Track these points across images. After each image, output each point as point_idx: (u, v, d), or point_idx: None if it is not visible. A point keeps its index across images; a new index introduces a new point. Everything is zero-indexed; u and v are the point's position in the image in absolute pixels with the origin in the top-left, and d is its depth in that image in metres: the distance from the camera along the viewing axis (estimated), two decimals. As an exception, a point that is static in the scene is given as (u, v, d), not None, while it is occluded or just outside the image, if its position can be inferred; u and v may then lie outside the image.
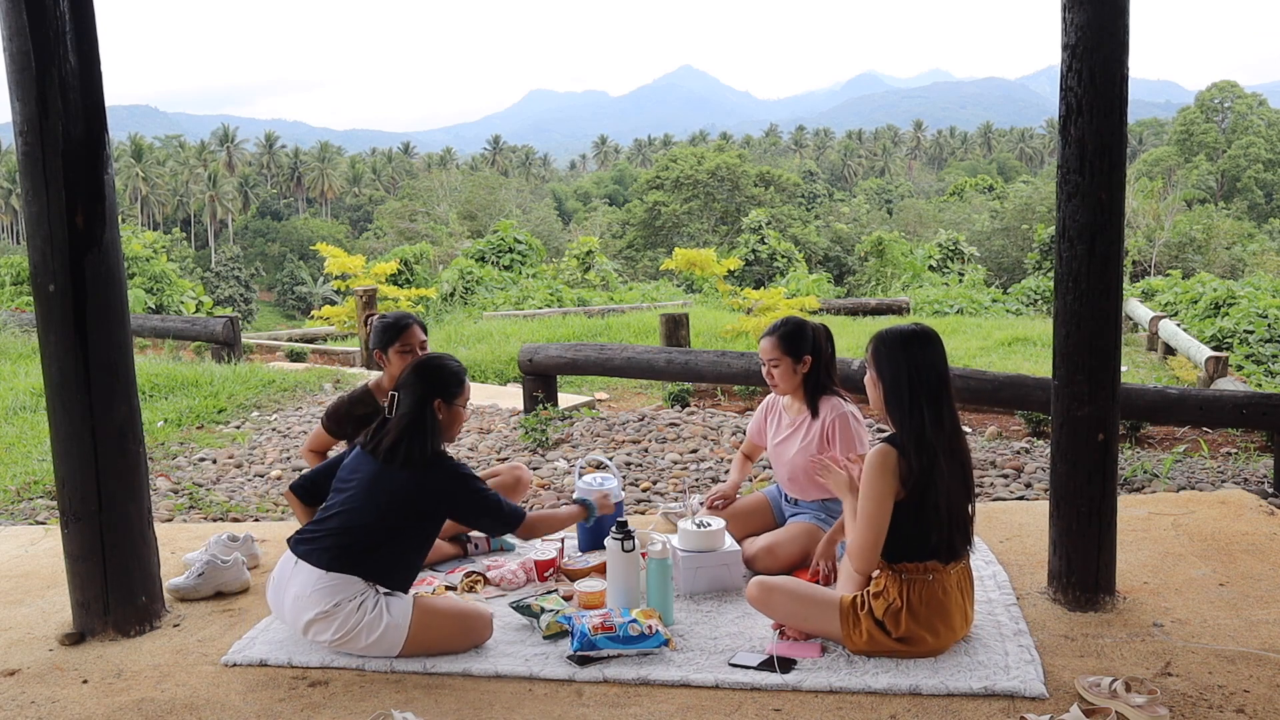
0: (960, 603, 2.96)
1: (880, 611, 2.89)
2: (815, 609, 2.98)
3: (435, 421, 3.11)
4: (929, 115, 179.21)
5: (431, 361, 3.21)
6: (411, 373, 3.16)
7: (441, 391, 3.13)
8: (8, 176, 67.12)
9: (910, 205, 51.65)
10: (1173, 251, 31.90)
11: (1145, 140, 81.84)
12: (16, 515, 5.20)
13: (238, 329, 11.51)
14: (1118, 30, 3.12)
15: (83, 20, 3.14)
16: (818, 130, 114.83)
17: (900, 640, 2.88)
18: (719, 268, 11.28)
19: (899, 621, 2.87)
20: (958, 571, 2.95)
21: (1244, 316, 12.98)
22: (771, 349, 3.70)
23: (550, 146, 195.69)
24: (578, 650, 2.97)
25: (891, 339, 2.95)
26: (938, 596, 2.88)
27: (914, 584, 2.88)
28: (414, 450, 3.04)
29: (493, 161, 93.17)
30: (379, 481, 3.04)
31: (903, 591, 2.88)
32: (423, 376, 3.14)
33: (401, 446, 3.04)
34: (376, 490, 3.03)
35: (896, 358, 2.91)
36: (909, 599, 2.87)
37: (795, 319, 3.77)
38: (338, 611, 2.97)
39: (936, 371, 2.90)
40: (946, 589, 2.91)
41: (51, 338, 3.23)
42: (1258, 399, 5.34)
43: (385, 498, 3.02)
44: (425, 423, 3.08)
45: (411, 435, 3.05)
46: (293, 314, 54.66)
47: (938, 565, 2.90)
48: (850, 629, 2.92)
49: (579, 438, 6.60)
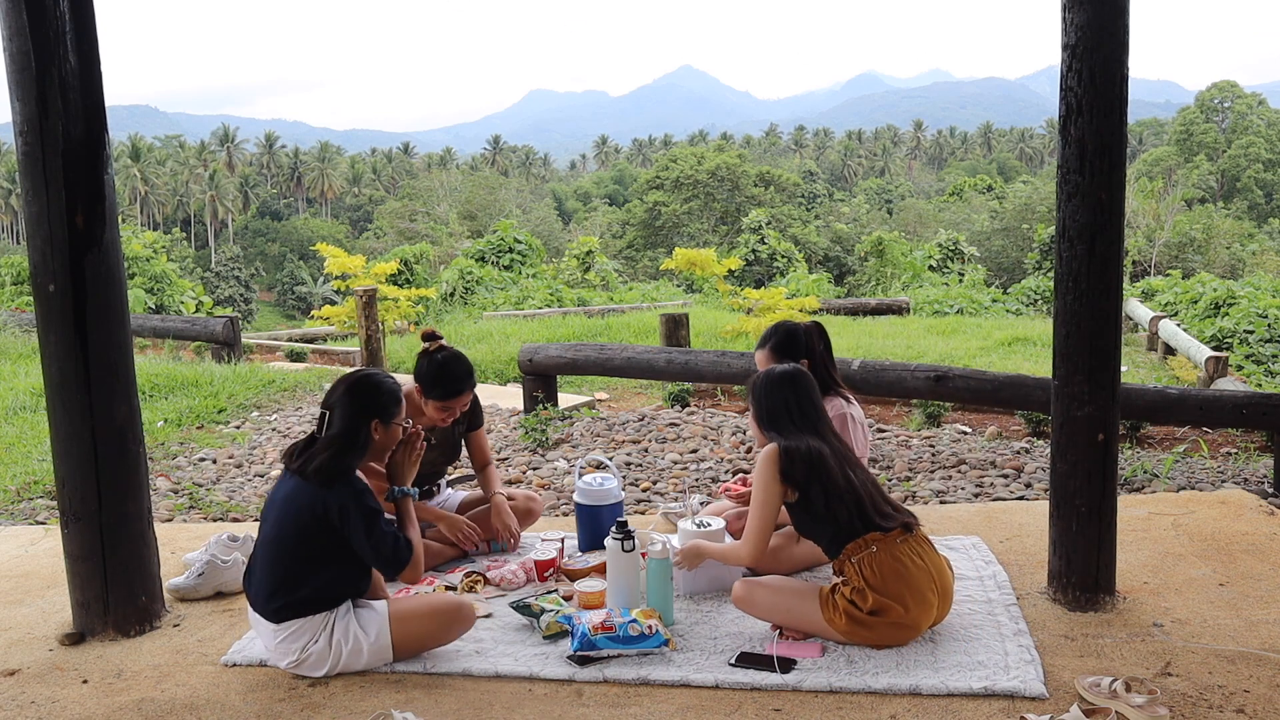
0: (925, 571, 3.00)
1: (849, 594, 2.99)
2: (796, 600, 3.08)
3: (368, 442, 3.00)
4: (929, 115, 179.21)
5: (368, 380, 3.04)
6: (346, 391, 3.00)
7: (379, 412, 3.01)
8: (8, 176, 67.12)
9: (910, 205, 51.66)
10: (1173, 251, 31.90)
11: (1145, 140, 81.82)
12: (16, 515, 5.20)
13: (238, 329, 11.51)
14: (1118, 30, 3.12)
15: (83, 20, 3.14)
16: (818, 130, 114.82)
17: (873, 614, 2.95)
18: (719, 267, 11.28)
19: (865, 597, 2.96)
20: (907, 542, 3.02)
21: (1244, 316, 12.98)
22: (765, 361, 3.70)
23: (550, 146, 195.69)
24: (578, 650, 2.98)
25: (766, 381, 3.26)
26: (890, 564, 2.95)
27: (863, 560, 2.98)
28: (332, 465, 2.92)
29: (493, 161, 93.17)
30: (292, 499, 2.94)
31: (859, 569, 2.98)
32: (359, 396, 3.00)
33: (323, 463, 2.92)
34: (289, 508, 2.93)
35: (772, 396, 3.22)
36: (864, 575, 2.97)
37: (785, 325, 3.76)
38: (309, 654, 2.94)
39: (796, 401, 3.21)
40: (897, 556, 2.97)
41: (51, 338, 3.23)
42: (1258, 399, 5.34)
43: (295, 513, 2.92)
44: (357, 443, 2.97)
45: (337, 453, 2.93)
46: (293, 314, 54.67)
47: (877, 536, 2.99)
48: (831, 614, 3.00)
49: (579, 438, 6.60)
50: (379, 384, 3.05)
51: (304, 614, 2.94)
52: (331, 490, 2.91)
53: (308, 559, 2.93)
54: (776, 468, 3.06)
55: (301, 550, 2.93)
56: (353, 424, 2.97)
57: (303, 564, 2.93)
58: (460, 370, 3.72)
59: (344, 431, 2.96)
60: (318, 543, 2.93)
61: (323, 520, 2.90)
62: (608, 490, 3.86)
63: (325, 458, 2.92)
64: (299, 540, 2.93)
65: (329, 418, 2.99)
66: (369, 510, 2.92)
